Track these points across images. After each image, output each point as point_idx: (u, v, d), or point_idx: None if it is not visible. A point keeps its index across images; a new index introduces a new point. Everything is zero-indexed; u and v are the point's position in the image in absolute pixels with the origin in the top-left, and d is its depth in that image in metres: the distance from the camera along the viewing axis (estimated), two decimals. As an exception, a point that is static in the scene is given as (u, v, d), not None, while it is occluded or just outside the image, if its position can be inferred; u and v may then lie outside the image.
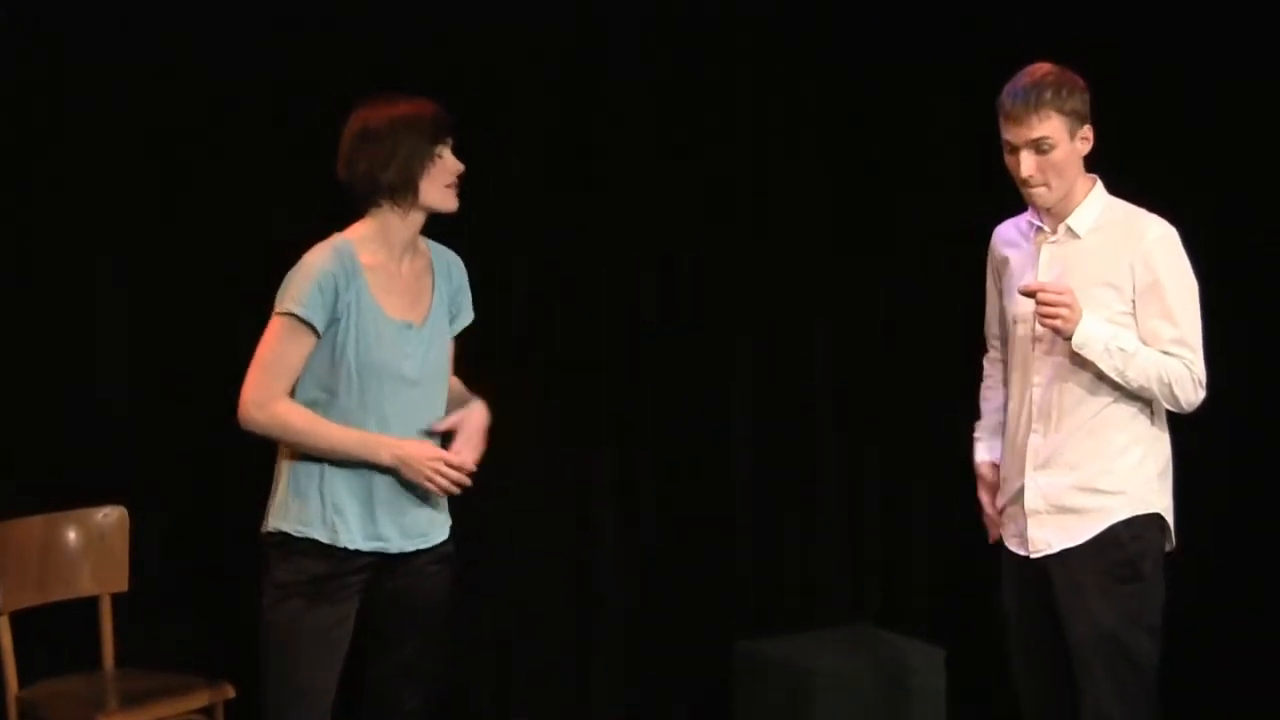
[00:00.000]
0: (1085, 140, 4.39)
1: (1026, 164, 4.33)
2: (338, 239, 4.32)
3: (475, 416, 4.47)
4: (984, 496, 4.73)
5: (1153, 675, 4.43)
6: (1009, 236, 4.62)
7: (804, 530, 6.33)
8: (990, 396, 4.78)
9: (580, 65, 6.12)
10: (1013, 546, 4.55)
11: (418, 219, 4.35)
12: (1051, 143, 4.32)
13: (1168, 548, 4.49)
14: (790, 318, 6.32)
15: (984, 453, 4.75)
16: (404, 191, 4.29)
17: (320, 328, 4.23)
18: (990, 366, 4.79)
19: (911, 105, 6.25)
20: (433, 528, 4.44)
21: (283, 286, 4.27)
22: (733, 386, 6.31)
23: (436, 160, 4.31)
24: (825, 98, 6.29)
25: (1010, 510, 4.56)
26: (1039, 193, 4.38)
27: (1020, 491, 4.50)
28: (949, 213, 6.14)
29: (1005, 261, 4.60)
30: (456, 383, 4.56)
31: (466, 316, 4.54)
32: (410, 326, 4.33)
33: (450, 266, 4.51)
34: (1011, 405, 4.56)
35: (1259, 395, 5.85)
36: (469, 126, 4.50)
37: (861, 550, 6.35)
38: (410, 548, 4.37)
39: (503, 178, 5.71)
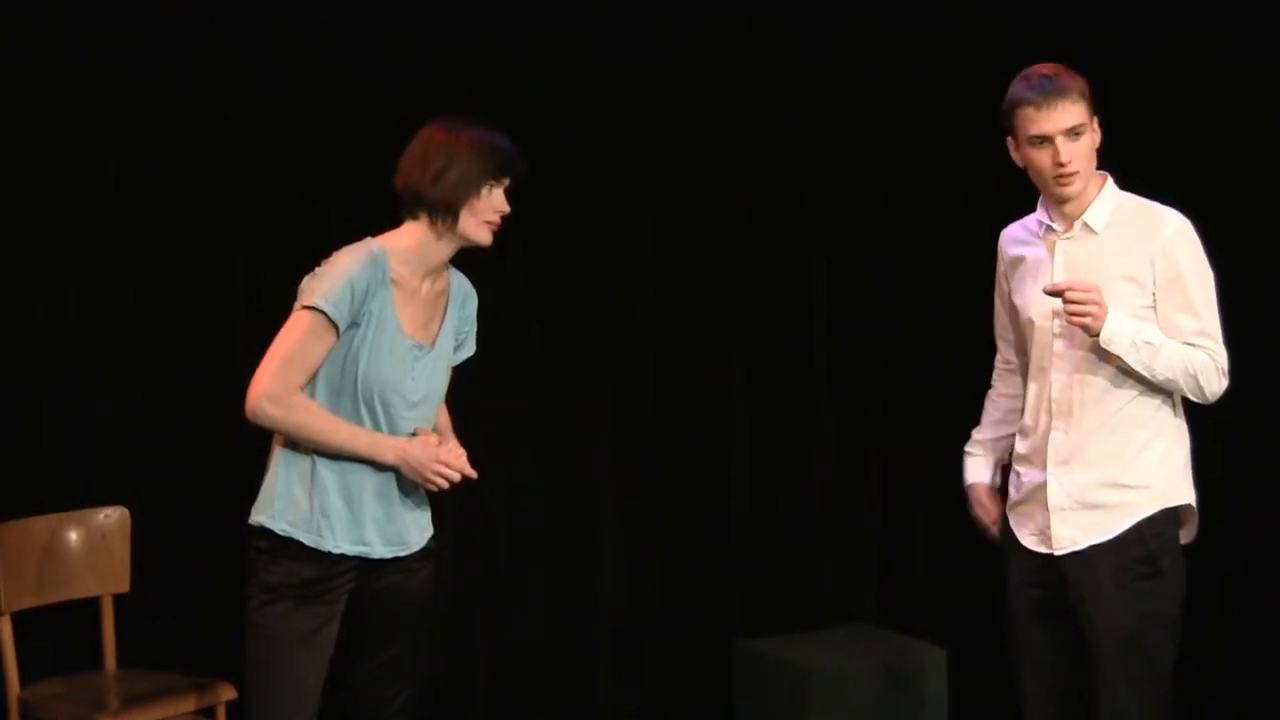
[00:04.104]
0: (1097, 133, 4.41)
1: (1065, 150, 4.31)
2: (373, 244, 4.27)
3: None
4: (980, 515, 4.77)
5: (1169, 670, 4.42)
6: (1018, 236, 4.61)
7: (804, 529, 6.34)
8: (991, 410, 4.78)
9: (581, 60, 6.15)
10: (1030, 545, 4.52)
11: (453, 244, 4.31)
12: (1083, 128, 4.33)
13: (1184, 539, 4.48)
14: (789, 318, 6.32)
15: (974, 474, 4.79)
16: (444, 213, 4.25)
17: (343, 329, 4.19)
18: (998, 381, 4.78)
19: (914, 94, 6.28)
20: (413, 535, 4.42)
21: (311, 281, 4.21)
22: (733, 386, 6.32)
23: (483, 193, 4.27)
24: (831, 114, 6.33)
25: (1027, 508, 4.53)
26: (1070, 181, 4.36)
27: (1040, 488, 4.48)
28: (953, 207, 6.15)
29: (1017, 261, 4.57)
30: (445, 414, 4.56)
31: (469, 348, 4.53)
32: (421, 347, 4.32)
33: (466, 296, 4.50)
34: (1029, 402, 4.53)
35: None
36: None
37: (862, 549, 6.35)
38: (389, 555, 4.36)
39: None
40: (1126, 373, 4.36)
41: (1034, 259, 4.53)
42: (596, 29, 6.13)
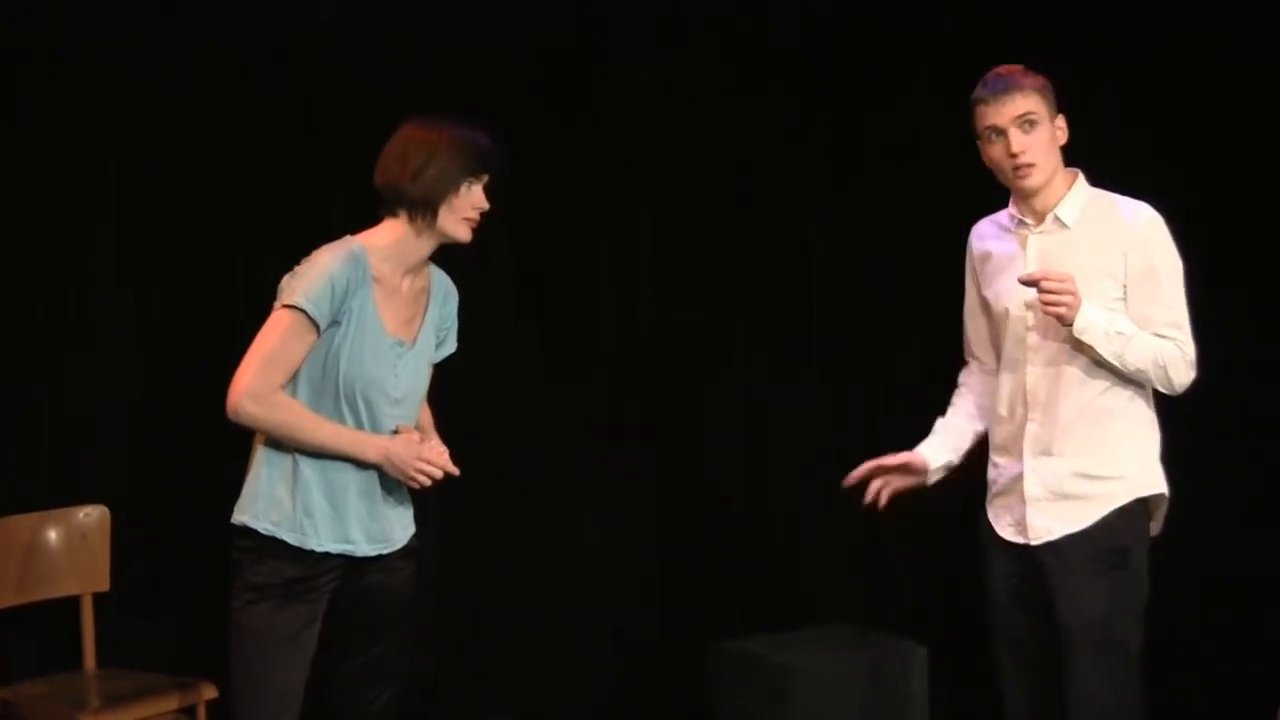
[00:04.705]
0: (1061, 130, 4.47)
1: (1017, 140, 4.40)
2: (353, 242, 4.29)
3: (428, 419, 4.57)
4: (883, 460, 4.74)
5: (1137, 660, 4.46)
6: (988, 231, 4.67)
7: (786, 529, 6.33)
8: (958, 403, 4.82)
9: (581, 60, 6.16)
10: (1008, 535, 4.57)
11: (433, 241, 4.34)
12: (1036, 118, 4.40)
13: (1155, 530, 4.52)
14: (789, 318, 6.32)
15: (926, 447, 4.76)
16: (424, 210, 4.27)
17: (323, 328, 4.20)
18: (966, 378, 4.83)
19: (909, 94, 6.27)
20: (397, 532, 4.44)
21: (291, 280, 4.23)
22: (732, 386, 6.32)
23: (463, 190, 4.29)
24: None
25: (1005, 500, 4.59)
26: (1028, 173, 4.42)
27: (1017, 479, 4.53)
28: (953, 207, 6.12)
29: (986, 256, 4.64)
30: (427, 412, 4.56)
31: (450, 346, 4.54)
32: (402, 344, 4.33)
33: (447, 294, 4.51)
34: (1004, 393, 4.59)
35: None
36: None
37: (844, 548, 6.34)
38: (374, 552, 4.37)
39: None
40: (1099, 364, 4.42)
41: (1005, 253, 4.59)
42: (596, 29, 6.14)
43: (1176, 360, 4.40)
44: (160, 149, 5.77)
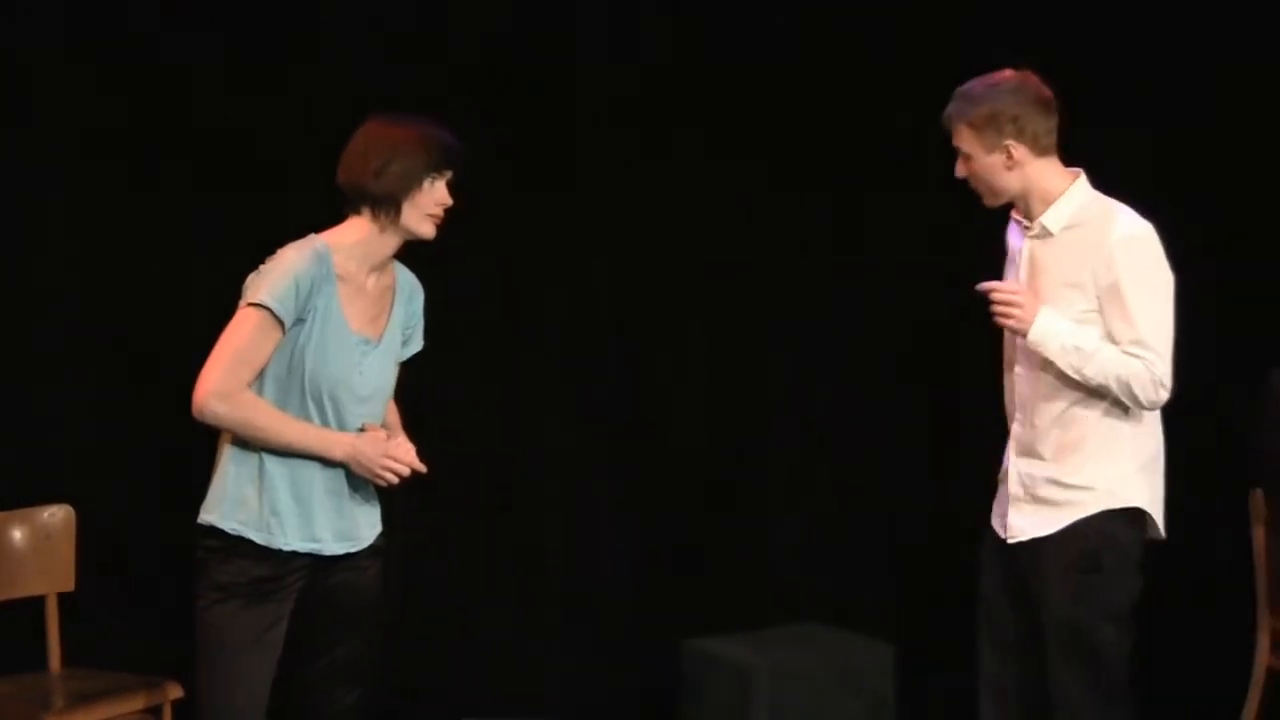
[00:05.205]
0: (1009, 154, 4.40)
1: (958, 168, 4.48)
2: (317, 240, 4.30)
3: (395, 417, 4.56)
4: None
5: (1121, 666, 4.44)
6: (1013, 227, 4.63)
7: (754, 528, 6.33)
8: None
9: (580, 60, 6.16)
10: (995, 527, 4.60)
11: (396, 239, 4.34)
12: (966, 152, 4.44)
13: (1153, 535, 4.49)
14: (788, 318, 6.32)
15: None
16: (387, 207, 4.29)
17: (288, 326, 4.21)
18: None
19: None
20: (364, 530, 4.43)
21: (255, 278, 4.24)
22: (687, 383, 6.34)
23: (425, 186, 4.30)
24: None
25: (999, 493, 4.62)
26: (980, 194, 4.48)
27: (1006, 476, 4.57)
28: (954, 208, 6.12)
29: (1007, 250, 4.64)
30: (394, 410, 4.56)
31: (417, 344, 4.54)
32: (368, 342, 4.33)
33: (413, 292, 4.51)
34: (1005, 392, 4.61)
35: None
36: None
37: (811, 547, 6.33)
38: (341, 551, 4.37)
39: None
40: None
41: (1014, 253, 4.59)
42: (596, 29, 6.13)
43: (1142, 379, 4.34)
44: (160, 148, 5.79)
